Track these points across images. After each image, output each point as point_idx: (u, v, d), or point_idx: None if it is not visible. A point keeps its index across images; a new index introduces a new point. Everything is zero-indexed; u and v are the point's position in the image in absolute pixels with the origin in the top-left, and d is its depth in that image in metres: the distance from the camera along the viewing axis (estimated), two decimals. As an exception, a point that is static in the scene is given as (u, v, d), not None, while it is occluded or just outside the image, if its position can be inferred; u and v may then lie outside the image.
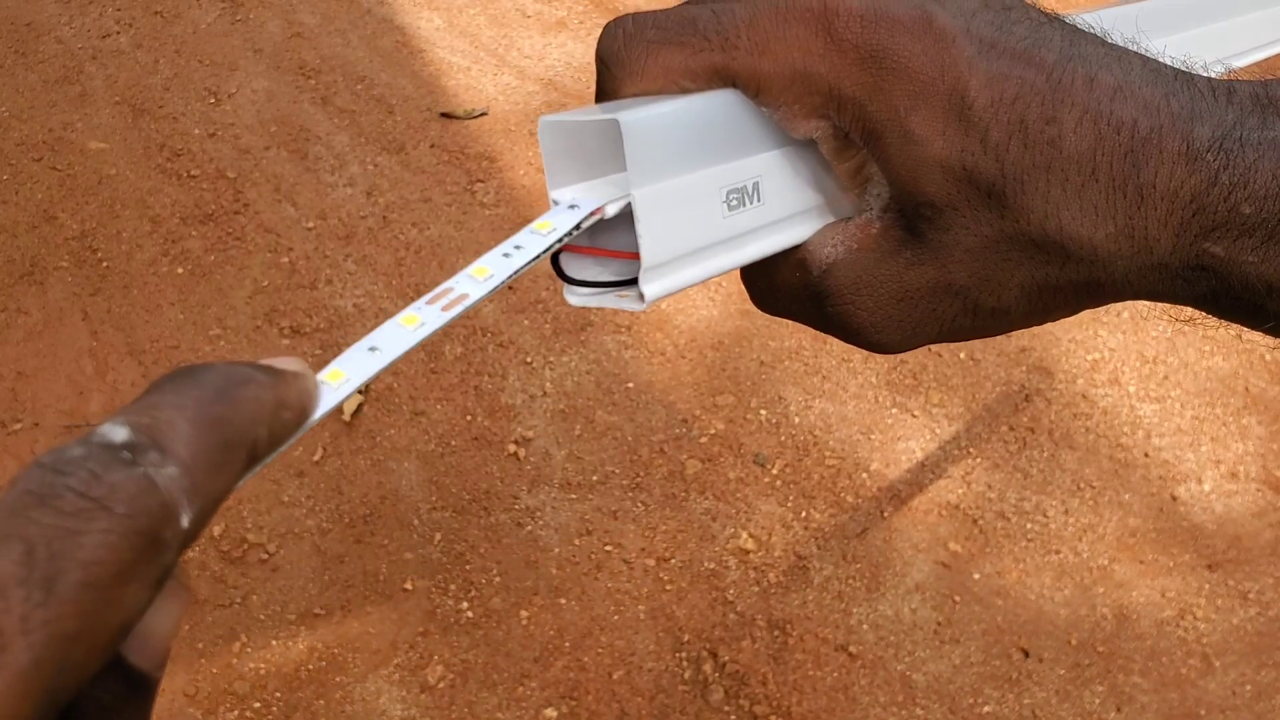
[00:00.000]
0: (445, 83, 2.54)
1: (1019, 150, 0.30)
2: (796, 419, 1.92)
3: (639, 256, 0.32)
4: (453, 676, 1.60)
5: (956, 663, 1.64)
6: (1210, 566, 1.77)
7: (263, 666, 1.60)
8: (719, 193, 0.33)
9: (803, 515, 1.79)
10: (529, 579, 1.70)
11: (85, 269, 2.10)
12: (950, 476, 1.85)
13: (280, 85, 2.51)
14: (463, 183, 2.30)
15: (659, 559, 1.73)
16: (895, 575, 1.73)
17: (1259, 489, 1.87)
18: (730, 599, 1.69)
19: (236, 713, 1.54)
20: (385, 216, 2.22)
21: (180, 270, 2.10)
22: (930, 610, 1.69)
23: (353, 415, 1.87)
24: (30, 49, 2.58)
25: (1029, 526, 1.80)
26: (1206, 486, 1.87)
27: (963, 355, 2.03)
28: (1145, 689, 1.63)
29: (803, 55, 0.31)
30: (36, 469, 0.20)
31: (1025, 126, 0.30)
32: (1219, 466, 1.89)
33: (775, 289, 0.36)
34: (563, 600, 1.68)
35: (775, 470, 1.84)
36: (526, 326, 2.03)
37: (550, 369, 1.97)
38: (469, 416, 1.89)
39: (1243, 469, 1.89)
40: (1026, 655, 1.65)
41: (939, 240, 0.32)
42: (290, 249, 2.14)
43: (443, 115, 2.45)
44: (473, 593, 1.68)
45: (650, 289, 0.32)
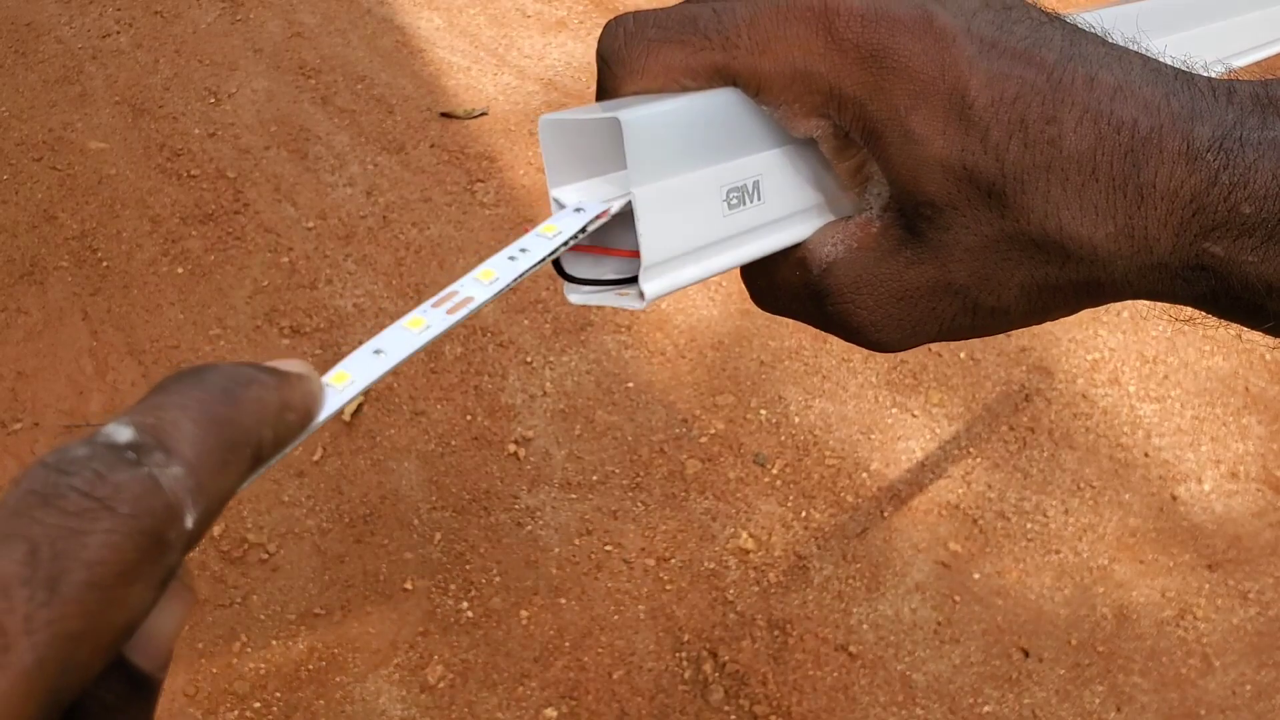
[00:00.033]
0: (445, 82, 2.54)
1: (1019, 150, 0.30)
2: (796, 419, 1.92)
3: (639, 255, 0.32)
4: (453, 676, 1.60)
5: (956, 663, 1.64)
6: (1210, 566, 1.77)
7: (263, 666, 1.60)
8: (719, 191, 0.33)
9: (803, 515, 1.79)
10: (529, 579, 1.70)
11: (85, 269, 2.10)
12: (950, 476, 1.85)
13: (280, 85, 2.51)
14: (463, 182, 2.30)
15: (659, 559, 1.73)
16: (895, 575, 1.73)
17: (1259, 489, 1.87)
18: (730, 599, 1.69)
19: (236, 713, 1.54)
20: (385, 216, 2.22)
21: (180, 270, 2.10)
22: (930, 610, 1.69)
23: (353, 415, 1.87)
24: (30, 49, 2.58)
25: (1029, 526, 1.80)
26: (1206, 486, 1.87)
27: (963, 355, 2.03)
28: (1145, 689, 1.63)
29: (803, 54, 0.31)
30: (40, 469, 0.20)
31: (1026, 126, 0.30)
32: (1219, 466, 1.89)
33: (775, 287, 0.36)
34: (563, 600, 1.68)
35: (775, 470, 1.84)
36: (526, 326, 2.03)
37: (550, 369, 1.97)
38: (469, 416, 1.89)
39: (1243, 469, 1.89)
40: (1026, 655, 1.65)
41: (939, 239, 0.32)
42: (290, 249, 2.14)
43: (443, 115, 2.45)
44: (473, 592, 1.68)
45: (650, 287, 0.32)
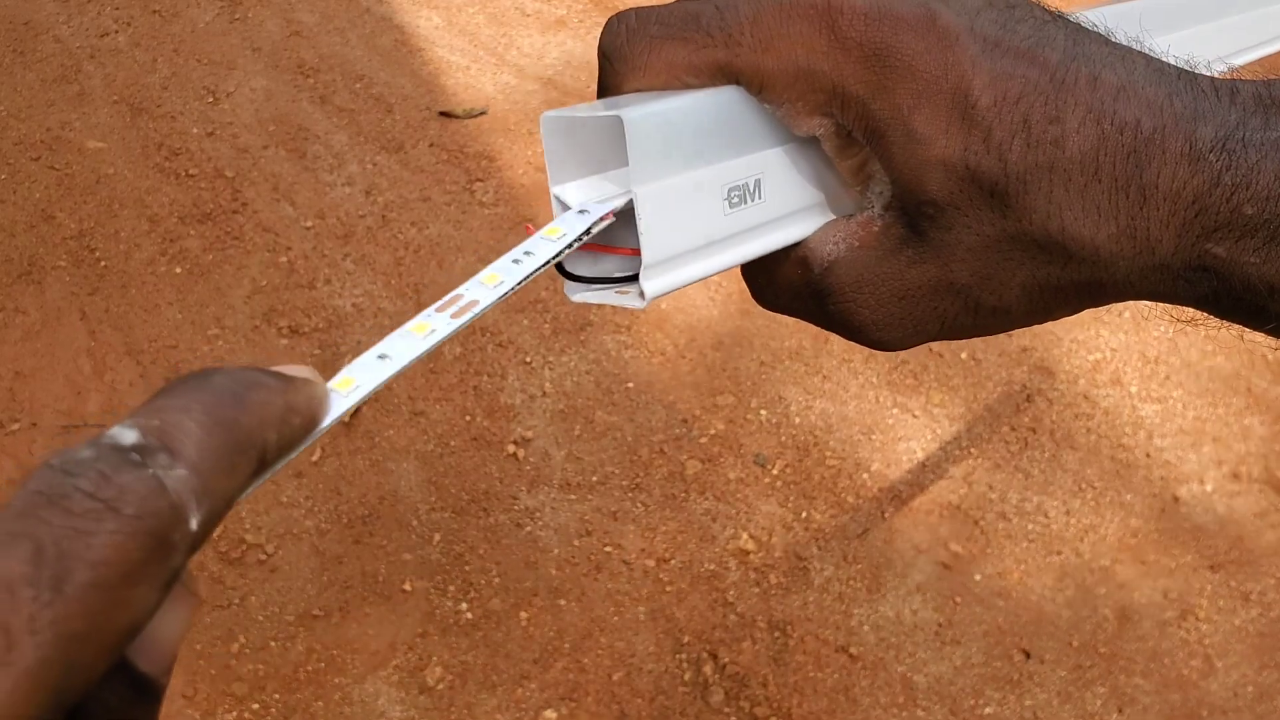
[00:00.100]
0: (444, 81, 2.54)
1: (1022, 150, 0.30)
2: (797, 419, 1.92)
3: (640, 253, 0.32)
4: (452, 678, 1.60)
5: (958, 664, 1.64)
6: (1212, 567, 1.77)
7: (261, 668, 1.59)
8: (720, 189, 0.33)
9: (803, 516, 1.79)
10: (528, 580, 1.70)
11: (83, 268, 2.10)
12: (951, 477, 1.85)
13: (279, 84, 2.51)
14: (462, 182, 2.30)
15: (659, 560, 1.73)
16: (896, 576, 1.73)
17: (1261, 489, 1.87)
18: (730, 600, 1.69)
19: (235, 714, 1.54)
20: (384, 216, 2.22)
21: (178, 270, 2.10)
22: (931, 611, 1.69)
23: (351, 415, 1.87)
24: (28, 48, 2.58)
25: (1030, 527, 1.80)
26: (1209, 487, 1.87)
27: (964, 355, 2.03)
28: (1147, 690, 1.63)
29: (806, 52, 0.31)
30: (46, 470, 0.20)
31: (1028, 126, 0.30)
32: (1221, 467, 1.89)
33: (776, 286, 0.36)
34: (562, 601, 1.68)
35: (775, 471, 1.84)
36: (526, 326, 2.03)
37: (550, 369, 1.97)
38: (468, 417, 1.89)
39: (1245, 469, 1.89)
40: (1028, 656, 1.65)
41: (941, 239, 0.32)
42: (289, 248, 2.14)
43: (442, 114, 2.45)
44: (472, 594, 1.68)
45: (651, 286, 0.32)
